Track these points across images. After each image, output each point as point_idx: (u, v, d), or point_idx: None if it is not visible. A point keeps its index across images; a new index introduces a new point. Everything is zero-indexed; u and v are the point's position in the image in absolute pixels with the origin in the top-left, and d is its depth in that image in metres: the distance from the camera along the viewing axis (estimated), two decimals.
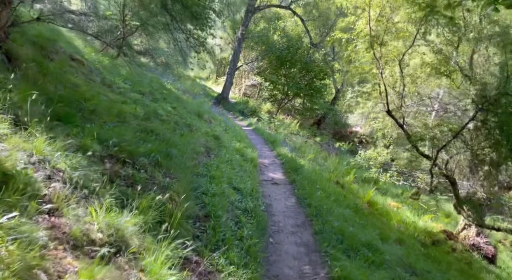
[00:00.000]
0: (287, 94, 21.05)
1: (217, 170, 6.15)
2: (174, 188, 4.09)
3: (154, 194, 3.59)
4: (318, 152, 14.41)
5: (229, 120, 14.69)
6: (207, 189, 5.03)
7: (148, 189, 3.65)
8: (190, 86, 15.28)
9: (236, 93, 29.92)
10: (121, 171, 3.71)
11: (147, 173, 3.98)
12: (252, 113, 19.87)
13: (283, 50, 19.88)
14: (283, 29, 21.74)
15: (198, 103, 11.75)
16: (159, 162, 4.35)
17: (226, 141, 8.92)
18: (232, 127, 12.21)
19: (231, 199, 5.22)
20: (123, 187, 3.43)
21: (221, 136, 8.97)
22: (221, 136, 8.86)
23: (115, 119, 5.47)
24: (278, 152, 10.35)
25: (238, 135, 10.95)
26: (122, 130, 4.95)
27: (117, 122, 5.46)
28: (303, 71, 20.56)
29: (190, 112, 9.53)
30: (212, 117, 11.02)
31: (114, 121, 5.29)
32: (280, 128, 17.23)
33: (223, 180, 5.69)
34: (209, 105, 14.37)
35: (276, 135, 13.83)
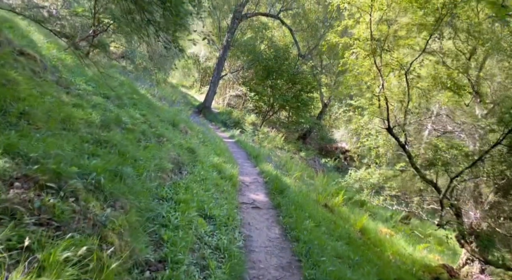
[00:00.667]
0: (273, 106, 20.15)
1: (187, 192, 5.05)
2: (117, 223, 2.98)
3: (80, 236, 2.48)
4: (304, 169, 13.44)
5: (209, 131, 13.60)
6: (168, 219, 3.92)
7: (73, 229, 2.53)
8: (169, 93, 14.15)
9: (220, 103, 28.87)
10: (35, 201, 2.57)
11: (78, 203, 2.85)
12: (235, 124, 18.83)
13: (269, 60, 19.06)
14: (271, 39, 20.99)
15: (174, 112, 10.64)
16: (100, 185, 3.22)
17: (203, 155, 7.83)
18: (211, 139, 11.13)
19: (200, 232, 4.12)
20: (29, 227, 2.30)
21: (197, 149, 7.87)
22: (197, 149, 7.76)
23: (58, 126, 4.33)
24: (262, 168, 9.31)
25: (218, 148, 9.87)
26: (61, 140, 3.82)
27: (60, 130, 4.33)
28: (289, 83, 19.76)
29: (163, 121, 8.42)
30: (190, 127, 9.93)
31: (54, 128, 4.15)
32: (265, 141, 16.23)
33: (192, 206, 4.59)
34: (188, 114, 13.26)
35: (259, 149, 12.81)
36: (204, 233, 4.17)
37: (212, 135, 12.29)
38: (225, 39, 19.14)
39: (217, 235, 4.32)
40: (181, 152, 6.87)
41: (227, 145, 12.43)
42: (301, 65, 19.57)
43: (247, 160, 10.54)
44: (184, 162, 6.70)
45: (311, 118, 22.61)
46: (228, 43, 19.04)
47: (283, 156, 15.89)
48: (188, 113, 13.57)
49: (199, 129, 10.74)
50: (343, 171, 20.00)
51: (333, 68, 22.43)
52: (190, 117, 14.08)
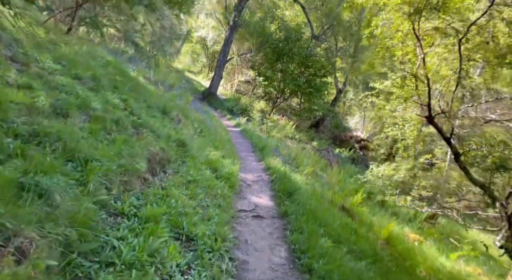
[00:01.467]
0: (283, 92, 18.68)
1: (161, 203, 3.78)
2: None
3: None
4: (317, 161, 12.07)
5: (212, 119, 12.29)
6: (119, 252, 2.65)
7: None
8: (169, 78, 12.82)
9: (228, 89, 27.50)
10: None
11: None
12: (242, 111, 17.48)
13: (280, 42, 17.49)
14: (281, 19, 19.36)
15: (169, 97, 9.34)
16: None
17: (197, 149, 6.54)
18: (212, 128, 9.83)
19: (169, 269, 2.84)
20: None
21: (190, 141, 6.58)
22: (190, 142, 6.46)
23: None
24: (268, 163, 7.98)
25: (218, 139, 8.58)
26: None
27: None
28: (301, 67, 18.20)
29: (151, 108, 7.13)
30: (185, 115, 8.63)
31: None
32: (273, 130, 14.86)
33: (163, 225, 3.31)
34: (188, 100, 11.95)
35: (267, 140, 11.47)
36: (175, 269, 2.89)
37: (214, 123, 10.99)
38: (232, 19, 17.61)
39: (196, 269, 3.04)
40: (167, 146, 5.58)
41: (231, 135, 11.13)
42: (315, 47, 17.96)
43: (251, 153, 9.23)
44: (170, 158, 5.43)
45: (325, 105, 21.07)
46: (236, 23, 17.51)
47: (293, 147, 14.51)
48: (188, 98, 12.26)
49: (197, 117, 9.44)
50: (359, 163, 18.56)
51: (349, 50, 20.73)
52: (192, 103, 12.77)
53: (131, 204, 3.47)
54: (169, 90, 11.13)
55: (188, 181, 4.92)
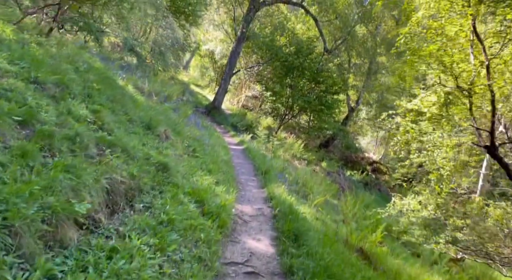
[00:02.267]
0: (292, 108, 17.47)
1: (97, 269, 2.51)
2: None
3: None
4: (328, 187, 10.72)
5: (211, 135, 11.08)
6: None
7: None
8: (167, 89, 11.72)
9: (235, 104, 26.45)
10: None
11: None
12: (247, 128, 16.28)
13: (290, 55, 16.42)
14: (292, 31, 18.36)
15: (161, 110, 8.20)
16: None
17: (183, 174, 5.31)
18: (209, 147, 8.60)
19: None
20: None
21: (175, 164, 5.35)
22: (174, 165, 5.22)
23: None
24: (271, 191, 6.68)
25: (213, 160, 7.33)
26: None
27: None
28: (312, 82, 17.06)
29: (132, 122, 5.94)
30: (177, 131, 7.43)
31: None
32: (280, 149, 13.58)
33: None
34: (186, 114, 10.79)
35: (272, 160, 10.18)
36: None
37: (212, 141, 9.76)
38: (239, 30, 16.65)
39: None
40: (141, 171, 4.35)
41: (231, 155, 9.89)
42: (327, 62, 16.84)
43: (253, 177, 7.94)
44: (143, 188, 4.20)
45: (335, 124, 19.78)
46: (243, 35, 16.53)
47: (301, 168, 13.19)
48: (187, 112, 11.10)
49: (192, 133, 8.22)
50: (372, 187, 17.09)
51: (364, 66, 19.58)
52: (191, 118, 11.61)
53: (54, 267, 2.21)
54: (165, 102, 9.99)
55: (160, 222, 3.65)
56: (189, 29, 20.60)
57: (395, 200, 7.48)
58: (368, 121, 24.40)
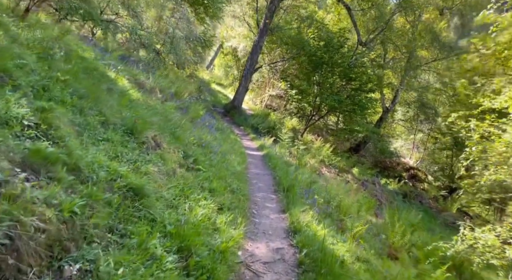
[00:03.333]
0: (319, 109, 15.58)
1: None
2: None
3: None
4: (367, 204, 8.85)
5: (225, 140, 9.48)
6: None
7: None
8: (177, 86, 10.21)
9: (257, 103, 24.81)
10: None
11: None
12: (269, 130, 14.58)
13: (318, 50, 14.57)
14: (321, 23, 16.45)
15: (159, 110, 6.66)
16: None
17: (165, 201, 3.71)
18: (220, 154, 6.98)
19: None
20: None
21: (157, 185, 3.76)
22: (154, 188, 3.63)
23: None
24: (295, 220, 4.96)
25: (221, 174, 5.70)
26: None
27: None
28: (343, 79, 15.12)
29: (108, 125, 4.40)
30: (176, 136, 5.85)
31: None
32: (306, 155, 11.79)
33: None
34: (197, 114, 9.25)
35: (297, 170, 8.43)
36: None
37: (225, 147, 8.15)
38: (262, 21, 14.98)
39: None
40: (93, 205, 2.77)
41: (247, 164, 8.25)
42: (361, 56, 14.85)
43: (272, 195, 6.24)
44: (88, 234, 2.62)
45: (368, 126, 17.70)
46: (266, 27, 14.86)
47: (330, 178, 11.36)
48: (198, 112, 9.56)
49: (196, 139, 6.61)
50: (413, 198, 14.92)
51: (402, 62, 17.41)
52: (205, 119, 10.07)
53: None
54: (170, 101, 8.47)
55: None
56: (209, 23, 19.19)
57: (464, 231, 5.57)
58: (404, 123, 22.06)
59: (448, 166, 18.54)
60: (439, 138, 18.46)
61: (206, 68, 37.15)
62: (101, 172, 3.29)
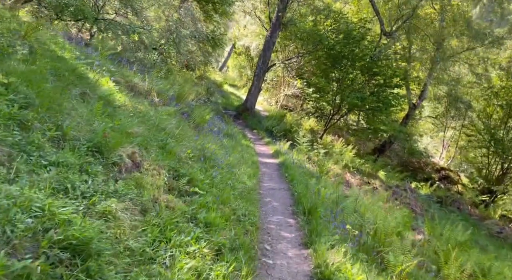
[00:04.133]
0: (340, 108, 14.19)
1: None
2: None
3: None
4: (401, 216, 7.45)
5: (235, 148, 8.30)
6: None
7: None
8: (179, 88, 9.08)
9: (272, 104, 23.57)
10: None
11: None
12: (285, 133, 13.32)
13: (337, 43, 13.19)
14: (339, 13, 15.04)
15: (151, 117, 5.51)
16: None
17: (134, 252, 2.52)
18: (225, 168, 5.79)
19: None
20: None
21: (107, 240, 2.58)
22: (103, 243, 2.44)
23: None
24: (322, 263, 3.69)
25: (224, 198, 4.49)
26: None
27: None
28: (366, 74, 13.69)
29: (62, 141, 3.26)
30: (167, 149, 4.67)
31: None
32: (328, 162, 10.45)
33: None
34: (203, 119, 8.10)
35: (319, 183, 7.15)
36: None
37: (233, 158, 6.96)
38: (274, 15, 13.74)
39: None
40: None
41: (260, 175, 7.03)
42: (385, 48, 13.38)
43: (290, 219, 4.98)
44: None
45: (394, 124, 16.16)
46: (279, 20, 13.61)
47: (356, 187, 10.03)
48: (204, 117, 8.40)
49: (194, 150, 5.41)
50: (450, 205, 13.31)
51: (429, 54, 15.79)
52: (209, 124, 8.92)
53: None
54: (169, 105, 7.33)
55: None
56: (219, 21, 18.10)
57: None
58: (433, 120, 20.31)
59: (485, 166, 16.77)
60: (474, 134, 16.71)
61: (219, 70, 36.19)
62: (27, 219, 2.15)
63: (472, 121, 17.10)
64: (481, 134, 16.17)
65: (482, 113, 15.93)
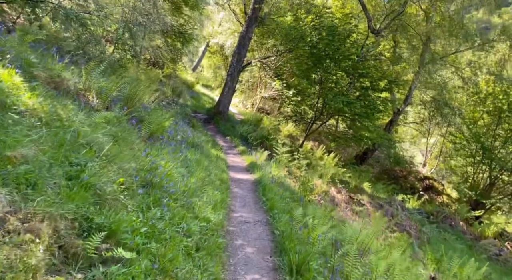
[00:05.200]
0: (322, 112, 12.79)
1: None
2: None
3: None
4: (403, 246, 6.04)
5: (198, 163, 6.63)
6: None
7: None
8: (130, 87, 7.23)
9: (248, 106, 22.03)
10: None
11: None
12: (262, 141, 11.78)
13: (322, 39, 11.79)
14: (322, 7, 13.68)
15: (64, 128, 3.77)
16: None
17: None
18: (180, 198, 4.14)
19: None
20: None
21: None
22: None
23: None
24: None
25: (169, 257, 2.84)
26: None
27: None
28: (350, 76, 12.37)
29: None
30: (77, 183, 2.98)
31: None
32: (313, 177, 8.97)
33: None
34: (159, 127, 6.39)
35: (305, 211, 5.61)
36: None
37: (192, 180, 5.31)
38: (250, 7, 12.19)
39: None
40: None
41: (229, 202, 5.44)
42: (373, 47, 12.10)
43: None
44: None
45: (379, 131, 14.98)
46: (255, 13, 12.08)
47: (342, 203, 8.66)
48: (163, 123, 6.69)
49: (120, 182, 3.73)
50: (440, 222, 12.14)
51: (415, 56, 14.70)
52: (169, 131, 7.22)
53: None
54: (113, 108, 5.58)
55: None
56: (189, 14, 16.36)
57: None
58: (416, 125, 19.36)
59: (470, 176, 15.89)
60: (460, 142, 15.79)
61: (193, 70, 34.34)
62: None
63: (459, 128, 16.19)
64: (469, 141, 15.27)
65: (469, 120, 15.02)
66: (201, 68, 39.47)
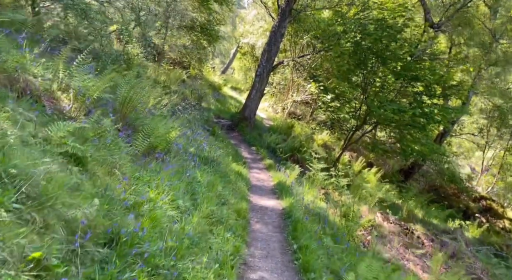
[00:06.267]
0: (365, 121, 10.88)
1: None
2: None
3: None
4: None
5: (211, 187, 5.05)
6: None
7: None
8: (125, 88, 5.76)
9: (279, 111, 20.31)
10: None
11: None
12: (292, 153, 10.08)
13: (368, 35, 9.93)
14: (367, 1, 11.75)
15: None
16: None
17: None
18: (160, 267, 2.56)
19: None
20: None
21: None
22: None
23: None
24: None
25: None
26: None
27: None
28: (400, 79, 10.39)
29: None
30: None
31: None
32: (358, 203, 7.15)
33: None
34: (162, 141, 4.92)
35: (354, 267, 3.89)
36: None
37: (198, 220, 3.71)
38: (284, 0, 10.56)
39: None
40: None
41: (248, 244, 3.82)
42: (431, 44, 10.08)
43: None
44: None
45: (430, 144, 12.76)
46: (289, 5, 10.43)
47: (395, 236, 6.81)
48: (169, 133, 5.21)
49: (38, 255, 2.19)
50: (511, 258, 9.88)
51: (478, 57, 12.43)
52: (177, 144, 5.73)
53: None
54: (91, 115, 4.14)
55: None
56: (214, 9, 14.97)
57: None
58: (470, 137, 16.84)
59: None
60: None
61: (223, 72, 33.21)
62: None
63: None
64: None
65: None
66: (232, 70, 38.45)
